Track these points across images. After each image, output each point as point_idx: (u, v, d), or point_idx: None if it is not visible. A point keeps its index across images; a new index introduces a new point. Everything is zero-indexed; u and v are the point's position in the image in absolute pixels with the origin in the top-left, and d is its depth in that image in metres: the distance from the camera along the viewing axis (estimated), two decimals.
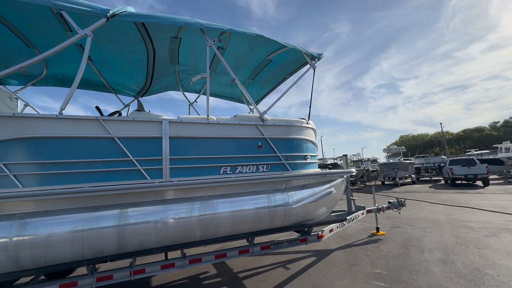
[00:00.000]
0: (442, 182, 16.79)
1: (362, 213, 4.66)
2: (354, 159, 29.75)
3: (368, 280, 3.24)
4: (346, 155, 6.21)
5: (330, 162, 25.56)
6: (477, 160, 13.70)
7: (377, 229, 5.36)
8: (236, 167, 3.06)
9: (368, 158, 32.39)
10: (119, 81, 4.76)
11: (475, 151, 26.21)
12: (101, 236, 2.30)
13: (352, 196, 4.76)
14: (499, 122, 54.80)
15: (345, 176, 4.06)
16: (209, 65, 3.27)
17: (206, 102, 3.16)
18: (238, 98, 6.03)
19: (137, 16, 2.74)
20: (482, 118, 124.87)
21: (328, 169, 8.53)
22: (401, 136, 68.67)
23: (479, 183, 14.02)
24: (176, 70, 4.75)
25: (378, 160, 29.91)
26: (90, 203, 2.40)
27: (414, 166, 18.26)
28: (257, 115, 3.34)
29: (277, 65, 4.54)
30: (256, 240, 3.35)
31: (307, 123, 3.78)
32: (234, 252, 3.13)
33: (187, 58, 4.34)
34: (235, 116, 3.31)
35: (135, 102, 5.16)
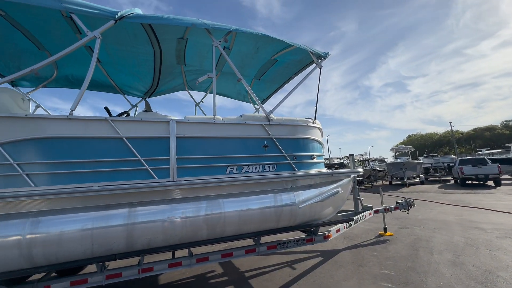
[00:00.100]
0: (452, 182, 16.44)
1: (370, 214, 4.61)
2: (361, 158, 29.39)
3: (375, 281, 3.21)
4: (353, 154, 6.13)
5: (336, 162, 25.34)
6: (488, 160, 13.39)
7: (385, 229, 5.29)
8: (242, 166, 3.06)
9: (375, 158, 31.95)
10: (127, 82, 4.83)
11: (486, 150, 25.52)
12: (110, 234, 2.34)
13: (359, 196, 4.72)
14: (511, 120, 53.25)
15: (352, 176, 4.03)
16: (215, 65, 3.29)
17: (212, 102, 3.18)
18: (244, 97, 6.05)
19: (144, 17, 2.78)
20: (493, 116, 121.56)
21: (335, 169, 8.45)
22: (409, 136, 67.33)
23: (490, 183, 13.68)
24: (183, 70, 4.79)
25: (385, 160, 29.50)
26: (100, 202, 2.45)
27: (423, 166, 17.95)
28: (263, 114, 3.34)
29: (283, 64, 4.53)
30: (262, 240, 3.36)
31: (313, 122, 3.75)
32: (241, 252, 3.14)
33: (193, 59, 4.38)
34: (241, 116, 3.31)
35: (142, 103, 5.23)
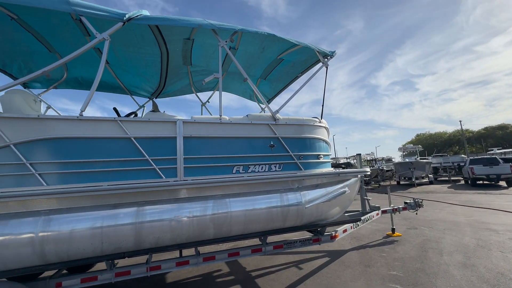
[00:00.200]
0: (462, 182, 16.10)
1: (377, 214, 4.56)
2: (368, 158, 29.04)
3: (383, 282, 3.17)
4: (360, 154, 6.07)
5: (343, 161, 25.10)
6: (500, 159, 13.01)
7: (393, 230, 5.22)
8: (249, 166, 3.07)
9: (383, 157, 31.54)
10: (135, 83, 4.89)
11: (497, 149, 24.83)
12: (119, 232, 2.39)
13: (366, 196, 4.66)
14: None
15: (359, 176, 3.99)
16: (221, 65, 3.31)
17: (218, 102, 3.19)
18: (250, 96, 6.06)
19: (152, 19, 2.81)
20: (505, 115, 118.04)
21: (342, 169, 8.38)
22: (418, 135, 66.08)
23: (502, 183, 13.33)
24: (189, 71, 4.83)
25: (393, 160, 29.09)
26: (109, 201, 2.50)
27: (432, 165, 17.61)
28: (269, 114, 3.34)
29: (289, 63, 4.51)
30: (268, 240, 3.36)
31: (319, 122, 3.73)
32: (247, 251, 3.15)
33: (199, 59, 4.41)
34: (247, 115, 3.32)
35: (150, 103, 5.29)
